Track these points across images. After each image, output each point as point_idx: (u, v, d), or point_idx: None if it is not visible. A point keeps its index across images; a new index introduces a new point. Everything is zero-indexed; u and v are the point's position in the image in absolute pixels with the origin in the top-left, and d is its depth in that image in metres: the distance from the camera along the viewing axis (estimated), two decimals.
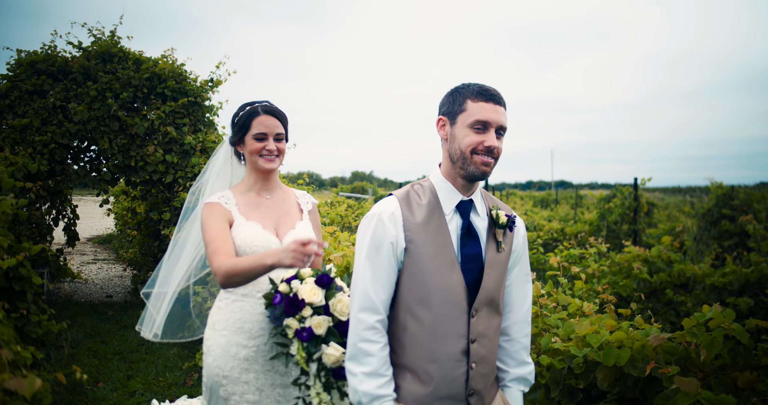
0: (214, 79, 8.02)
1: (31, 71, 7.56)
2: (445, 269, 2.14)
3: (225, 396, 2.78)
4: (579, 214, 19.66)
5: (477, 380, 2.17)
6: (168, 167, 7.54)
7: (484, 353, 2.19)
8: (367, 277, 2.16)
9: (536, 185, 52.51)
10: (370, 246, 2.16)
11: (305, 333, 2.49)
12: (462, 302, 2.14)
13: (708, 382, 2.63)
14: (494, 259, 2.22)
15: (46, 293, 8.65)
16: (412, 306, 2.15)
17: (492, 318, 2.23)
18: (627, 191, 12.82)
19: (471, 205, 2.24)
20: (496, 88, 2.20)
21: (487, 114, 2.13)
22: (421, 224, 2.16)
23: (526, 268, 2.39)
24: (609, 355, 2.78)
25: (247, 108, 2.88)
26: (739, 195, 12.15)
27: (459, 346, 2.14)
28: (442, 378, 2.12)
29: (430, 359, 2.12)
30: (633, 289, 6.49)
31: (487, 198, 2.35)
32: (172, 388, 5.51)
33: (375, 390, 2.09)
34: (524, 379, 2.36)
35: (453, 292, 2.13)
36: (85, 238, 17.01)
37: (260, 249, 2.74)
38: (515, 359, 2.36)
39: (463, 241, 2.19)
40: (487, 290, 2.18)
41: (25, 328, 4.49)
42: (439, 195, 2.22)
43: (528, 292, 2.40)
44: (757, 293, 6.27)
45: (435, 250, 2.15)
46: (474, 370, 2.16)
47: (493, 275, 2.21)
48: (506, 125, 2.19)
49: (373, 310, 2.14)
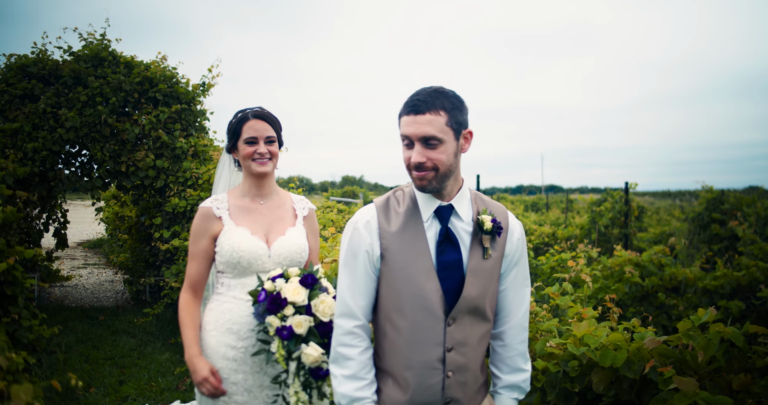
0: (206, 83, 8.01)
1: (22, 75, 7.53)
2: (420, 277, 2.11)
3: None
4: (570, 219, 19.73)
5: (454, 389, 2.14)
6: (159, 172, 7.52)
7: (463, 362, 2.14)
8: (344, 284, 2.19)
9: (526, 190, 52.62)
10: (347, 254, 2.20)
11: (285, 331, 2.54)
12: (438, 310, 2.10)
13: (703, 385, 2.64)
14: (479, 266, 2.15)
15: (37, 298, 8.60)
16: (389, 313, 2.15)
17: (475, 326, 2.17)
18: (618, 195, 12.88)
19: (451, 211, 2.17)
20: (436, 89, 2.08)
21: (407, 128, 2.07)
22: (397, 232, 2.15)
23: (524, 272, 2.31)
24: (606, 356, 2.79)
25: (239, 115, 2.92)
26: (729, 199, 12.23)
27: (434, 354, 2.11)
28: (418, 385, 2.11)
29: (406, 366, 2.13)
30: (625, 293, 6.52)
31: (478, 201, 2.25)
32: (165, 393, 5.48)
33: (353, 392, 2.12)
34: (517, 387, 2.31)
35: (428, 300, 2.10)
36: (75, 243, 16.92)
37: (246, 254, 2.79)
38: (509, 365, 2.30)
39: (441, 247, 2.13)
40: (468, 299, 2.13)
41: (16, 333, 4.45)
42: (418, 201, 2.19)
43: (525, 296, 2.31)
44: (748, 296, 6.31)
45: (410, 257, 2.12)
46: (450, 378, 2.13)
47: (477, 283, 2.14)
48: (432, 133, 2.03)
49: (350, 316, 2.16)
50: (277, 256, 2.83)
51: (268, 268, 2.82)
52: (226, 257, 2.81)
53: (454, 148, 2.09)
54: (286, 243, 2.87)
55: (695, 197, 20.34)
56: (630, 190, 12.58)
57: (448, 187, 2.16)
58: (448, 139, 2.06)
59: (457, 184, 2.20)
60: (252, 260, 2.78)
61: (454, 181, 2.17)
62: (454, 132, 2.07)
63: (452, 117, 2.06)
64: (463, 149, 2.14)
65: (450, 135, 2.06)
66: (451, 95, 2.09)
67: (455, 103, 2.09)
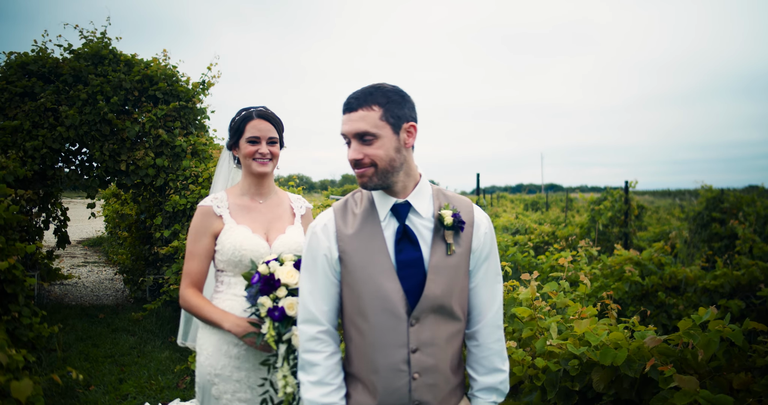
0: (206, 81, 8.00)
1: (22, 73, 7.52)
2: (379, 277, 2.07)
3: (217, 395, 2.81)
4: (570, 217, 19.72)
5: (422, 391, 2.08)
6: (159, 171, 7.51)
7: (430, 363, 2.08)
8: (306, 290, 2.18)
9: (526, 188, 52.64)
10: (307, 259, 2.19)
11: (277, 312, 2.53)
12: (399, 311, 2.06)
13: (704, 384, 2.64)
14: (441, 263, 2.09)
15: (37, 296, 8.60)
16: (353, 316, 2.13)
17: (442, 325, 2.11)
18: (617, 194, 12.87)
19: (408, 208, 2.13)
20: (374, 85, 2.08)
21: (343, 127, 2.08)
22: (354, 233, 2.12)
23: (494, 268, 2.23)
24: (606, 355, 2.78)
25: (243, 113, 2.93)
26: (729, 198, 12.23)
27: (399, 356, 2.07)
28: (384, 389, 2.07)
29: (372, 370, 2.09)
30: (625, 292, 6.52)
31: (440, 197, 2.19)
32: (165, 391, 5.48)
33: (319, 398, 2.10)
34: (495, 389, 2.22)
35: (389, 300, 2.06)
36: (75, 241, 16.92)
37: (248, 252, 2.79)
38: (485, 366, 2.22)
39: (399, 246, 2.09)
40: (431, 298, 2.07)
41: (16, 331, 4.45)
42: (375, 200, 2.16)
43: (497, 293, 2.23)
44: (748, 296, 6.31)
45: (368, 258, 2.09)
46: (417, 380, 2.07)
47: (440, 280, 2.08)
48: (365, 129, 2.03)
49: (313, 322, 2.15)
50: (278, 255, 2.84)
51: None
52: (227, 255, 2.82)
53: (393, 142, 2.06)
54: (287, 241, 2.88)
55: (695, 196, 20.36)
56: (630, 189, 12.57)
57: (398, 184, 2.12)
58: (385, 134, 2.04)
59: (411, 179, 2.15)
60: (254, 258, 2.79)
61: (405, 176, 2.13)
62: (391, 126, 2.05)
63: (387, 111, 2.04)
64: (406, 144, 2.10)
65: (386, 129, 2.05)
66: (389, 90, 2.08)
67: (392, 97, 2.07)
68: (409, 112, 2.10)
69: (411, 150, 2.15)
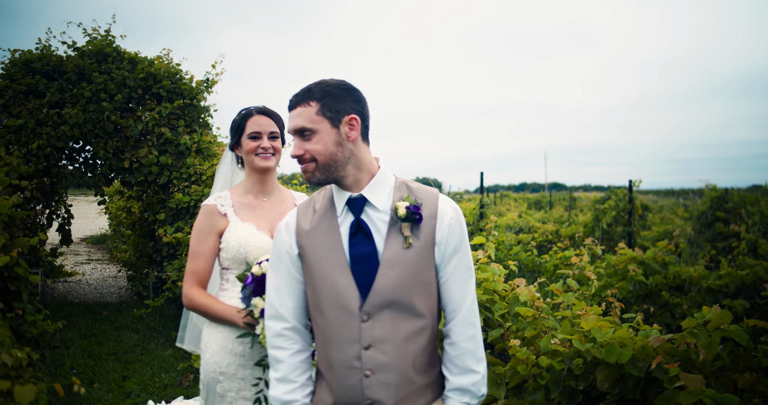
0: (210, 79, 8.00)
1: (26, 71, 7.53)
2: (333, 272, 2.05)
3: (221, 393, 2.80)
4: (573, 216, 19.70)
5: (375, 389, 2.02)
6: (162, 168, 7.52)
7: (383, 361, 2.01)
8: (272, 286, 2.18)
9: (530, 187, 52.56)
10: (273, 257, 2.20)
11: None
12: (352, 306, 2.02)
13: (709, 384, 2.63)
14: (396, 256, 2.03)
15: (41, 294, 8.62)
16: (313, 312, 2.13)
17: (401, 322, 2.03)
18: (621, 193, 12.85)
19: (363, 202, 2.08)
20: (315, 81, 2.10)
21: (287, 125, 2.12)
22: (311, 229, 2.12)
23: (465, 261, 2.12)
24: (611, 352, 2.77)
25: (242, 112, 2.96)
26: (733, 198, 12.20)
27: (351, 352, 2.03)
28: (339, 385, 2.05)
29: (328, 366, 2.08)
30: (629, 291, 6.51)
31: (402, 189, 2.13)
32: (168, 388, 5.49)
33: (282, 395, 2.10)
34: (467, 391, 2.10)
35: (342, 295, 2.03)
36: (78, 238, 16.96)
37: (253, 249, 2.79)
38: (458, 366, 2.11)
39: (353, 240, 2.05)
40: (382, 292, 2.01)
41: (20, 328, 4.46)
42: (333, 195, 2.15)
43: (468, 288, 2.13)
44: (752, 295, 6.30)
45: (324, 253, 2.07)
46: (370, 378, 2.01)
47: (394, 274, 2.01)
48: (302, 124, 2.04)
49: (278, 318, 2.15)
50: None
51: None
52: (232, 253, 2.82)
53: (332, 136, 2.04)
54: None
55: (699, 196, 20.32)
56: (633, 188, 12.55)
57: (348, 177, 2.09)
58: (322, 128, 2.03)
59: (364, 173, 2.11)
60: (259, 255, 2.79)
61: (355, 170, 2.09)
62: (329, 120, 2.04)
63: (325, 105, 2.04)
64: (349, 137, 2.06)
65: (324, 124, 2.04)
66: (328, 84, 2.08)
67: (330, 91, 2.06)
68: (350, 105, 2.08)
69: (362, 143, 2.11)
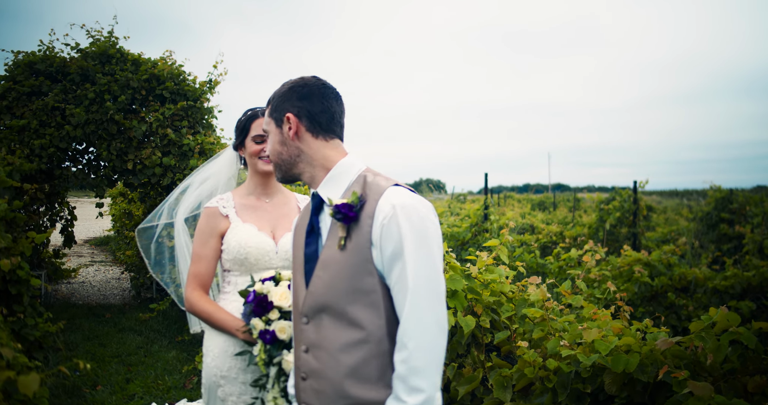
0: (212, 80, 7.98)
1: (29, 72, 7.52)
2: (296, 272, 2.07)
3: (223, 397, 2.79)
4: (577, 217, 19.64)
5: (308, 394, 1.95)
6: (166, 170, 7.50)
7: (315, 367, 1.92)
8: None
9: (533, 188, 52.41)
10: None
11: (268, 335, 2.50)
12: (299, 306, 2.01)
13: (718, 387, 2.59)
14: (331, 257, 1.90)
15: (44, 296, 8.60)
16: None
17: (337, 330, 1.87)
18: (626, 194, 12.79)
19: (318, 199, 2.03)
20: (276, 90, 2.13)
21: None
22: (294, 228, 2.18)
23: (411, 270, 1.78)
24: (618, 362, 2.72)
25: (248, 112, 2.96)
26: (738, 198, 12.15)
27: (297, 352, 2.04)
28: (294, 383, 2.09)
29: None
30: (634, 293, 6.48)
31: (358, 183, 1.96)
32: (172, 391, 5.47)
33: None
34: None
35: (295, 295, 2.06)
36: (82, 240, 16.96)
37: (254, 250, 2.79)
38: (392, 388, 1.82)
39: (308, 240, 2.02)
40: (314, 295, 1.92)
41: (22, 331, 4.43)
42: None
43: (417, 306, 1.77)
44: (758, 297, 6.26)
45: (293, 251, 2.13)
46: (306, 381, 1.96)
47: (326, 277, 1.89)
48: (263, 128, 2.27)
49: None
50: (284, 253, 2.83)
51: (275, 264, 2.82)
52: (233, 254, 2.81)
53: (277, 136, 2.07)
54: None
55: (703, 196, 20.24)
56: (638, 189, 12.50)
57: (304, 174, 2.06)
58: (271, 129, 2.09)
59: (318, 169, 2.03)
60: (259, 256, 2.78)
61: (308, 167, 2.04)
62: (275, 121, 2.07)
63: (273, 107, 2.08)
64: (290, 136, 2.02)
65: (271, 125, 2.09)
66: (282, 85, 2.10)
67: (279, 91, 2.09)
68: (290, 104, 2.03)
69: (313, 139, 2.03)
